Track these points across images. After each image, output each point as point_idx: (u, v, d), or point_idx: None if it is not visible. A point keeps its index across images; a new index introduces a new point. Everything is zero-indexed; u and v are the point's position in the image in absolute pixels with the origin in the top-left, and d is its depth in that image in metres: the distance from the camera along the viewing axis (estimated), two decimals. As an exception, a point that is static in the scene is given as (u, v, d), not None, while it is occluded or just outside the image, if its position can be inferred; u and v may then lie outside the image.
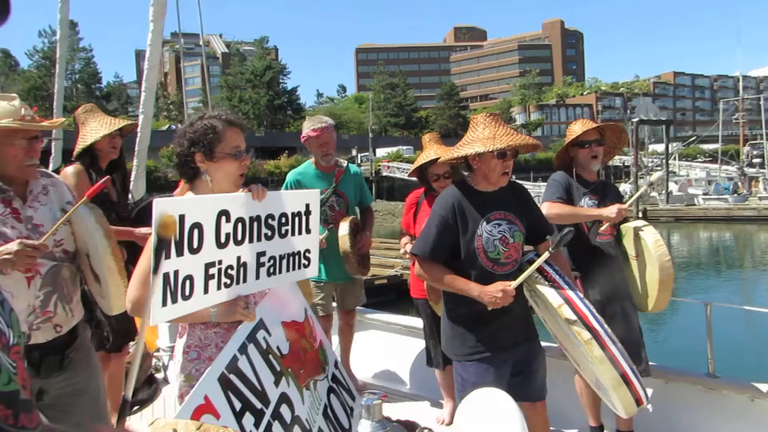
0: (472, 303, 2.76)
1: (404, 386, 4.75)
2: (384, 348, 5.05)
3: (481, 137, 2.78)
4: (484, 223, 2.79)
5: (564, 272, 2.84)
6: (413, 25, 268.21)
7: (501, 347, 2.83)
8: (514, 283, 2.71)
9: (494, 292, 2.68)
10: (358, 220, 4.43)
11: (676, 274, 3.44)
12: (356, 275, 4.36)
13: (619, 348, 2.59)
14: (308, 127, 4.32)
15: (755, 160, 50.75)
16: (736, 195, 38.58)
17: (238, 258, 2.27)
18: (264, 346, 2.39)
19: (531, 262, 2.81)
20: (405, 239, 4.13)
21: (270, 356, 2.41)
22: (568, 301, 2.66)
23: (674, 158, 52.16)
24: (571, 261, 3.38)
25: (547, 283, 2.75)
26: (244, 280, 2.31)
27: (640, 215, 26.95)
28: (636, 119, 43.11)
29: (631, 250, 3.57)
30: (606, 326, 2.63)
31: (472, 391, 2.41)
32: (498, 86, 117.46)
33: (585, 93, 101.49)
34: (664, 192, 37.74)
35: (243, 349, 2.25)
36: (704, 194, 39.85)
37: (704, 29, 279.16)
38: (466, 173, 2.99)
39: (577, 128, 3.65)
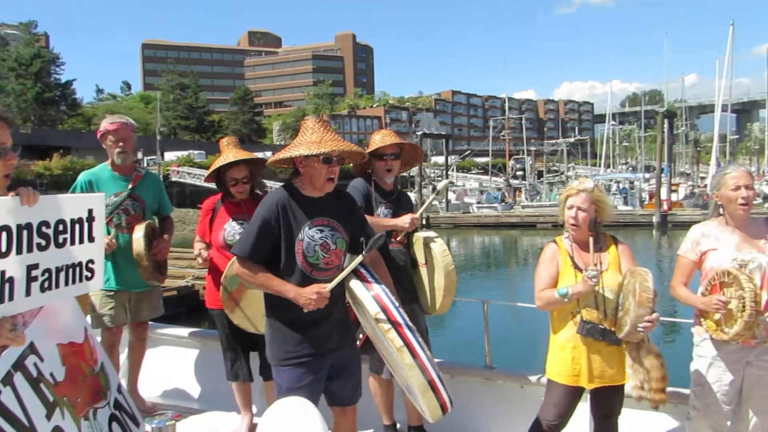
0: (289, 306, 2.74)
1: (199, 403, 4.51)
2: (176, 364, 4.75)
3: (308, 141, 2.78)
4: (307, 227, 2.80)
5: (384, 280, 2.92)
6: (206, 24, 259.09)
7: (318, 352, 2.83)
8: (329, 286, 2.73)
9: (309, 294, 2.69)
10: (155, 225, 4.17)
11: (456, 276, 3.74)
12: (151, 281, 4.06)
13: (428, 356, 2.71)
14: (106, 122, 4.06)
15: (518, 173, 57.63)
16: (503, 204, 43.39)
17: (2, 272, 1.96)
18: (34, 374, 2.10)
19: (356, 270, 2.85)
20: (199, 245, 3.94)
21: (42, 385, 2.12)
22: (384, 309, 2.73)
23: (452, 170, 57.14)
24: None
25: (365, 289, 2.80)
26: (11, 298, 2.01)
27: (424, 223, 29.04)
28: (420, 132, 46.56)
29: (420, 258, 3.79)
30: (417, 335, 2.74)
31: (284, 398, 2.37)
32: (293, 94, 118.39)
33: (375, 105, 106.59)
34: (444, 200, 41.13)
35: (8, 379, 1.95)
36: (478, 203, 44.26)
37: (478, 53, 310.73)
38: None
39: (377, 138, 3.77)
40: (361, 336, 3.42)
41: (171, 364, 4.76)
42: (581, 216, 3.07)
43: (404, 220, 3.57)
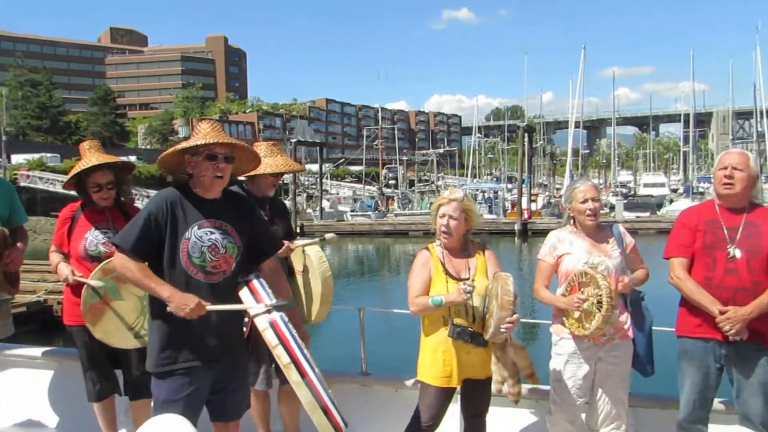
0: (171, 312, 2.61)
1: (58, 430, 4.16)
2: (29, 388, 4.33)
3: (194, 140, 2.72)
4: (196, 227, 2.70)
5: (282, 292, 2.88)
6: (62, 17, 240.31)
7: (201, 361, 2.71)
8: (209, 307, 2.63)
9: (186, 301, 2.58)
10: (6, 234, 3.75)
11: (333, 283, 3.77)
12: (1, 294, 3.68)
13: (318, 375, 2.67)
14: None
15: (391, 182, 59.06)
16: (377, 212, 44.18)
17: None
18: None
19: (246, 282, 2.78)
20: (55, 257, 3.65)
21: None
22: (273, 325, 2.67)
23: (326, 177, 57.36)
24: None
25: (254, 303, 2.73)
26: None
27: (298, 230, 28.87)
28: (294, 140, 46.30)
29: (297, 265, 3.78)
30: (307, 353, 2.70)
31: (160, 413, 2.27)
32: (160, 96, 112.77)
33: (247, 111, 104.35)
34: (318, 208, 41.17)
35: None
36: (351, 211, 44.71)
37: (352, 62, 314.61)
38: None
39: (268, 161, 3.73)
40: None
41: (23, 388, 4.35)
42: (453, 224, 3.21)
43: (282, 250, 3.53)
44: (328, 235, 4.27)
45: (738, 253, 3.07)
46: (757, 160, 3.35)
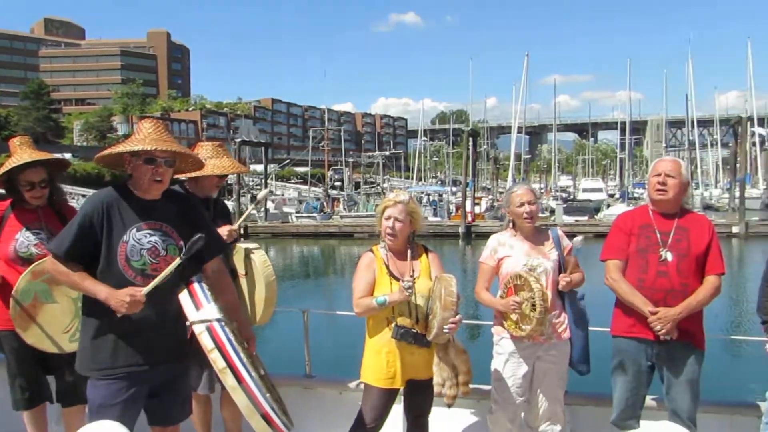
0: (109, 311, 2.53)
1: None
2: None
3: (133, 140, 2.65)
4: (135, 230, 2.62)
5: (226, 294, 2.83)
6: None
7: (139, 364, 2.62)
8: (144, 290, 2.55)
9: (122, 297, 2.50)
10: None
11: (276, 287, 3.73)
12: None
13: (256, 380, 2.59)
14: None
15: (336, 183, 58.86)
16: (322, 213, 43.93)
17: None
18: None
19: (187, 284, 2.69)
20: None
21: None
22: (209, 329, 2.59)
23: (271, 179, 56.69)
24: None
25: (192, 305, 2.65)
26: None
27: (242, 232, 28.39)
28: (239, 139, 45.56)
29: (240, 269, 3.72)
30: (244, 357, 2.61)
31: (96, 417, 2.19)
32: (97, 91, 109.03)
33: (190, 109, 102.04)
34: (263, 210, 40.62)
35: None
36: (297, 212, 44.31)
37: (298, 64, 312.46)
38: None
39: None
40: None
41: None
42: (398, 226, 3.24)
43: (222, 232, 3.47)
44: (260, 194, 4.17)
45: (669, 257, 3.20)
46: (688, 168, 3.51)
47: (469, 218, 35.92)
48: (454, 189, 51.60)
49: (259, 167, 51.22)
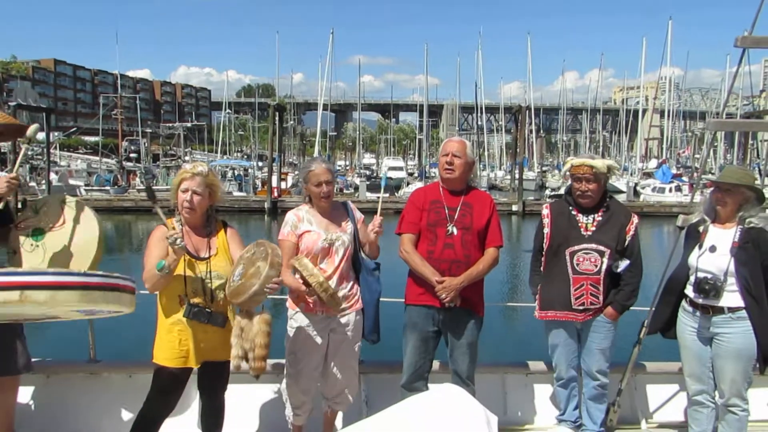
0: None
1: None
2: None
3: None
4: None
5: None
6: None
7: None
8: None
9: None
10: None
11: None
12: None
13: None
14: None
15: (132, 155, 54.68)
16: (116, 187, 40.60)
17: None
18: None
19: None
20: None
21: None
22: None
23: (55, 148, 50.96)
24: None
25: None
26: None
27: (19, 206, 25.21)
28: (14, 103, 39.96)
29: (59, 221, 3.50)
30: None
31: None
32: None
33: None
34: (44, 183, 36.37)
35: None
36: (86, 185, 40.40)
37: (86, 21, 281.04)
38: None
39: None
40: None
41: None
42: (196, 199, 3.10)
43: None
44: (29, 131, 3.57)
45: (455, 230, 3.48)
46: (474, 149, 3.83)
47: (275, 194, 35.72)
48: (260, 164, 50.80)
49: (41, 135, 45.71)
